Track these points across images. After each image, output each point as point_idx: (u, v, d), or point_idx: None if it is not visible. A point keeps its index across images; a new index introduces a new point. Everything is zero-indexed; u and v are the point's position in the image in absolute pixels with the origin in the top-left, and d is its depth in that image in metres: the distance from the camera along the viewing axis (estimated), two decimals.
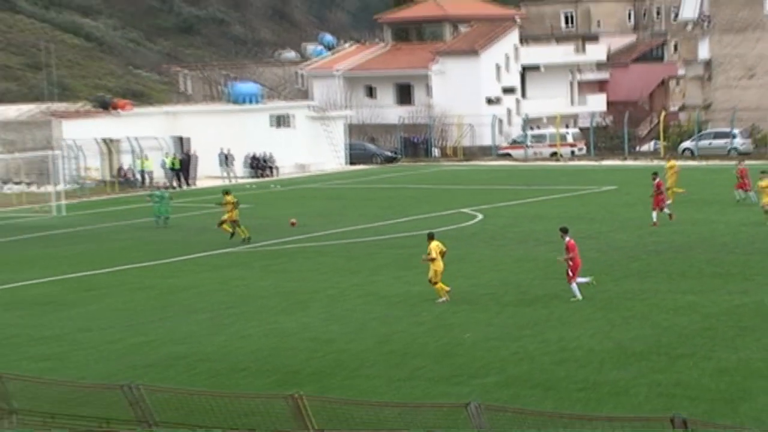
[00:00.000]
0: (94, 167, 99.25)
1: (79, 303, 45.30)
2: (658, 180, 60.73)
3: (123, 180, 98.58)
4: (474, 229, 63.25)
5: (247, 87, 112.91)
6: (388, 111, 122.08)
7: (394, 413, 20.91)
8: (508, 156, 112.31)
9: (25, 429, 22.00)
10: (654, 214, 59.62)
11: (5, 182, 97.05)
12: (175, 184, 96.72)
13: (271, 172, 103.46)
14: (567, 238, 42.87)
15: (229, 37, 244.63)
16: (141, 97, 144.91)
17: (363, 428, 19.79)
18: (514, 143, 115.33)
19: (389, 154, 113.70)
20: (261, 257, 55.69)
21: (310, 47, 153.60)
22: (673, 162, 73.62)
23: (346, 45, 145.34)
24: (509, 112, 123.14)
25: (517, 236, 59.24)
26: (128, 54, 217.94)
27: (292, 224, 65.45)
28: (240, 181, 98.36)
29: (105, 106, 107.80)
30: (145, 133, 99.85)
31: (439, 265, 42.42)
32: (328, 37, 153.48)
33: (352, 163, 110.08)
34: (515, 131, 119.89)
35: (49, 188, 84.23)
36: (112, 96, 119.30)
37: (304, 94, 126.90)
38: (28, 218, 77.08)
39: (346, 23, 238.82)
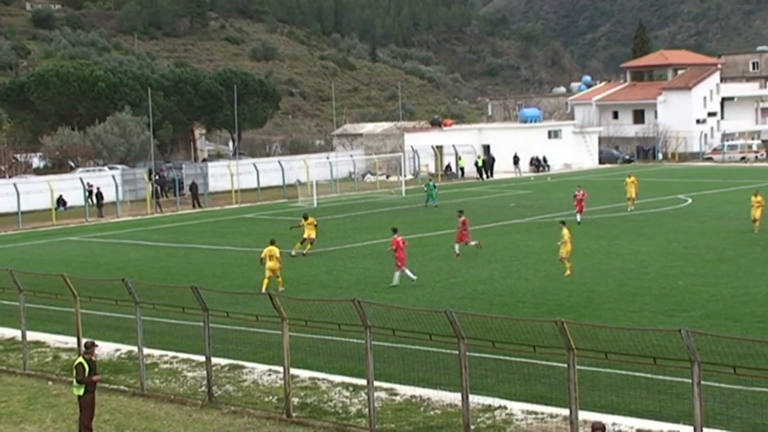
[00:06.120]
0: (427, 164, 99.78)
1: (414, 255, 44.06)
2: (463, 218, 45.32)
3: (446, 173, 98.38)
4: (686, 210, 61.46)
5: (531, 111, 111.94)
6: (627, 128, 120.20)
7: (628, 335, 20.17)
8: (710, 159, 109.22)
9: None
10: (456, 246, 44.74)
11: (366, 174, 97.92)
12: (481, 176, 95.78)
13: (546, 168, 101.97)
14: (395, 236, 37.79)
15: (519, 77, 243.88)
16: (460, 118, 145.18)
17: (606, 345, 19.02)
18: (715, 150, 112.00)
19: (627, 156, 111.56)
20: (537, 226, 54.73)
21: (575, 84, 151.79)
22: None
23: (600, 83, 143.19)
24: (711, 129, 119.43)
25: (716, 215, 57.28)
26: (452, 89, 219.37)
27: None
28: (524, 175, 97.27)
29: (438, 124, 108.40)
30: (461, 141, 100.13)
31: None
32: (587, 78, 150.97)
33: (601, 162, 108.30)
34: (716, 142, 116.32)
35: (397, 178, 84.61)
36: (441, 117, 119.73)
37: (570, 117, 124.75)
38: (382, 198, 77.61)
39: (599, 68, 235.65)
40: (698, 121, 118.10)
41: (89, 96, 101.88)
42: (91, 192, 73.59)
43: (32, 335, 29.16)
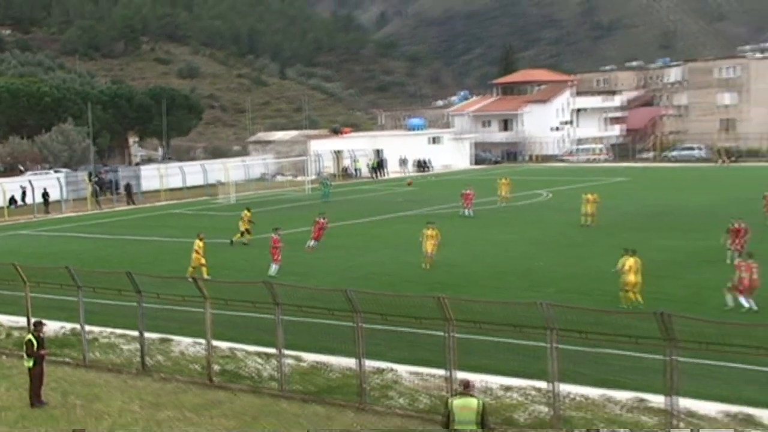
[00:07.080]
0: (329, 166, 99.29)
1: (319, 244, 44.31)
2: (322, 220, 44.56)
3: (345, 173, 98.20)
4: (544, 203, 62.38)
5: (416, 121, 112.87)
6: (496, 135, 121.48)
7: (497, 308, 20.28)
8: (565, 161, 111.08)
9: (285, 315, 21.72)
10: (313, 242, 43.42)
11: (276, 175, 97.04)
12: (374, 176, 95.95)
13: (429, 169, 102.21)
14: (274, 236, 36.42)
15: (406, 92, 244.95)
16: (356, 127, 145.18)
17: (479, 317, 19.27)
18: (569, 153, 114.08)
19: (496, 158, 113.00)
20: (420, 219, 53.30)
21: (453, 98, 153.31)
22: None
23: (474, 97, 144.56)
24: (566, 135, 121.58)
25: (569, 207, 57.73)
26: (350, 102, 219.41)
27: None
28: (410, 174, 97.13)
29: (337, 132, 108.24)
30: (357, 147, 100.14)
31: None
32: (464, 93, 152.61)
33: (475, 164, 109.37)
34: (569, 146, 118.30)
35: (303, 178, 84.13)
36: (341, 126, 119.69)
37: (448, 125, 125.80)
38: (290, 195, 76.86)
39: (474, 84, 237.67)
40: (554, 129, 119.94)
41: (36, 109, 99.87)
42: (24, 192, 73.24)
43: None
